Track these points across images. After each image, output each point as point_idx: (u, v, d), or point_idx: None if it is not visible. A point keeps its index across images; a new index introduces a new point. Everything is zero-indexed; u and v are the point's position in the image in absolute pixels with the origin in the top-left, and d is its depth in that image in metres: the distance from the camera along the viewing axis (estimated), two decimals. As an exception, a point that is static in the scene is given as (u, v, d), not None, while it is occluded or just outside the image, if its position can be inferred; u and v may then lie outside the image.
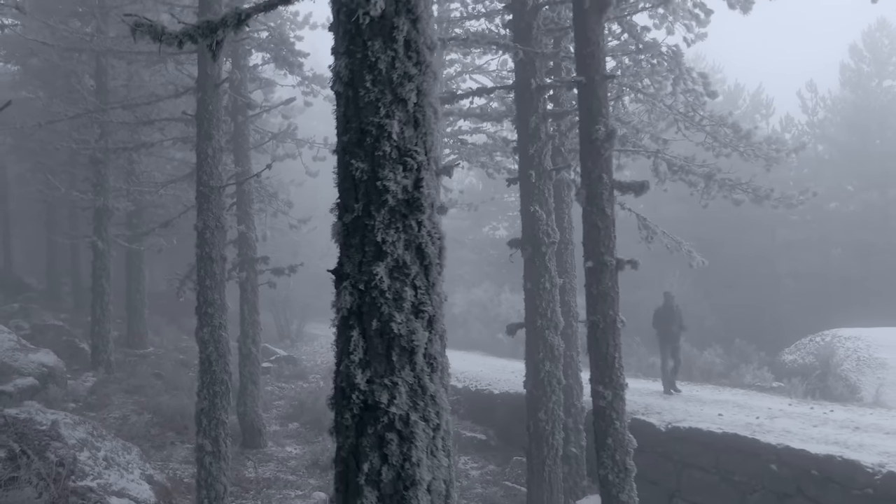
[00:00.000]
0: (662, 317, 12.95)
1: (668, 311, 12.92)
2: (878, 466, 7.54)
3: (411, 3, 2.69)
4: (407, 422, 2.67)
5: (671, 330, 12.73)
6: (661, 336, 12.97)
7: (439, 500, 2.74)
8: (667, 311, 12.93)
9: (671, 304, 13.00)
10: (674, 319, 12.85)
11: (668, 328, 12.76)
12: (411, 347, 2.67)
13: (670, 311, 12.92)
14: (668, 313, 12.91)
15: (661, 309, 13.07)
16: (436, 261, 2.78)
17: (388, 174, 2.61)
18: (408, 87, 2.64)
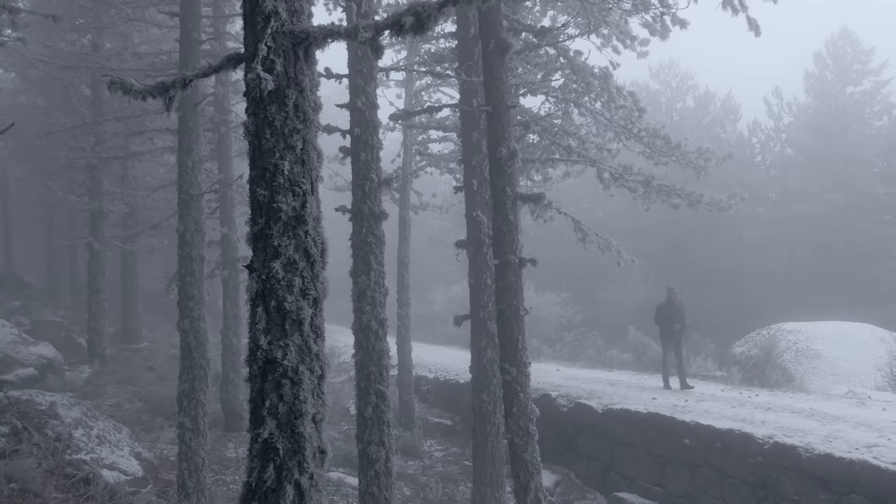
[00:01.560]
0: (665, 312, 12.81)
1: (671, 307, 12.78)
2: (767, 438, 8.68)
3: (299, 78, 3.81)
4: (297, 371, 3.79)
5: (673, 326, 12.63)
6: (663, 332, 12.90)
7: (319, 427, 3.87)
8: (669, 307, 12.79)
9: (674, 299, 12.86)
10: (676, 315, 12.71)
11: (669, 324, 12.66)
12: (299, 319, 3.79)
13: (673, 306, 12.79)
14: (670, 309, 12.77)
15: (663, 304, 12.94)
16: (318, 258, 3.90)
17: (282, 198, 3.73)
18: (296, 137, 3.76)
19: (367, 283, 7.71)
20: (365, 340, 7.71)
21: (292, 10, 3.77)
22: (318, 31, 3.76)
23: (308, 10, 3.86)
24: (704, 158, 12.00)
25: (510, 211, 6.84)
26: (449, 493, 11.10)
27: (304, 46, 3.79)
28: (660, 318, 12.86)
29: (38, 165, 21.00)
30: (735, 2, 7.87)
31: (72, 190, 18.58)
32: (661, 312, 12.87)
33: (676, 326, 12.59)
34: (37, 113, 20.20)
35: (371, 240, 7.72)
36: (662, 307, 12.89)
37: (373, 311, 7.68)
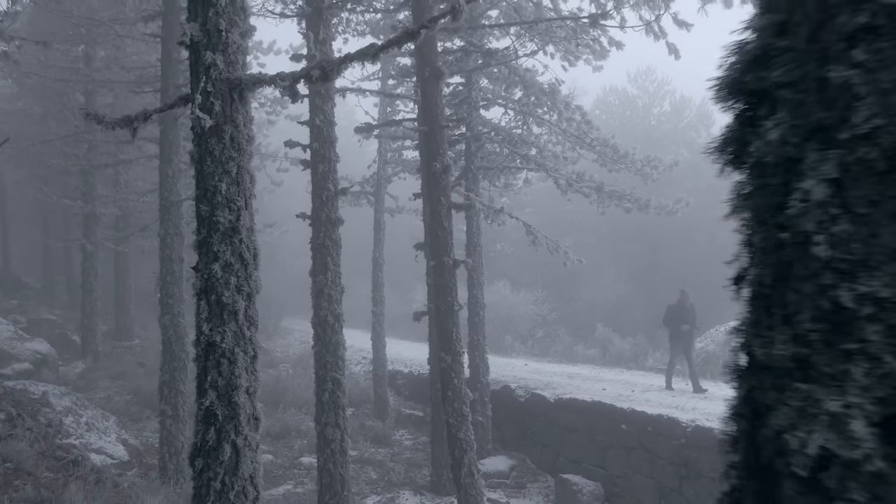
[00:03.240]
0: (674, 314, 12.63)
1: (681, 309, 12.58)
2: (690, 422, 9.61)
3: (234, 116, 4.70)
4: (233, 353, 4.69)
5: (681, 328, 12.47)
6: (672, 334, 12.74)
7: (253, 398, 4.78)
8: (679, 309, 12.60)
9: (685, 302, 12.64)
10: (685, 317, 12.53)
11: (678, 326, 12.51)
12: (235, 311, 4.69)
13: (683, 308, 12.58)
14: (680, 311, 12.58)
15: (674, 306, 12.73)
16: (251, 261, 4.79)
17: (220, 213, 4.63)
18: (231, 164, 4.66)
19: (325, 281, 8.62)
20: (322, 333, 8.62)
21: (229, 61, 4.68)
22: (249, 79, 4.67)
23: (242, 62, 4.78)
24: (652, 166, 12.91)
25: (444, 218, 7.75)
26: (411, 476, 12.02)
27: (238, 90, 4.70)
28: (669, 320, 12.71)
29: (34, 170, 21.88)
30: (656, 29, 8.78)
31: (66, 194, 19.45)
32: (670, 314, 12.71)
33: (684, 328, 12.42)
34: (33, 120, 21.13)
35: (328, 243, 8.63)
36: (672, 309, 12.71)
37: (329, 307, 8.59)
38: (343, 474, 8.55)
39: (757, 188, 1.08)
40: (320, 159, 8.63)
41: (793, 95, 1.02)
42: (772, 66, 1.04)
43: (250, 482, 4.82)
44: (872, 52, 0.94)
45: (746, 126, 1.09)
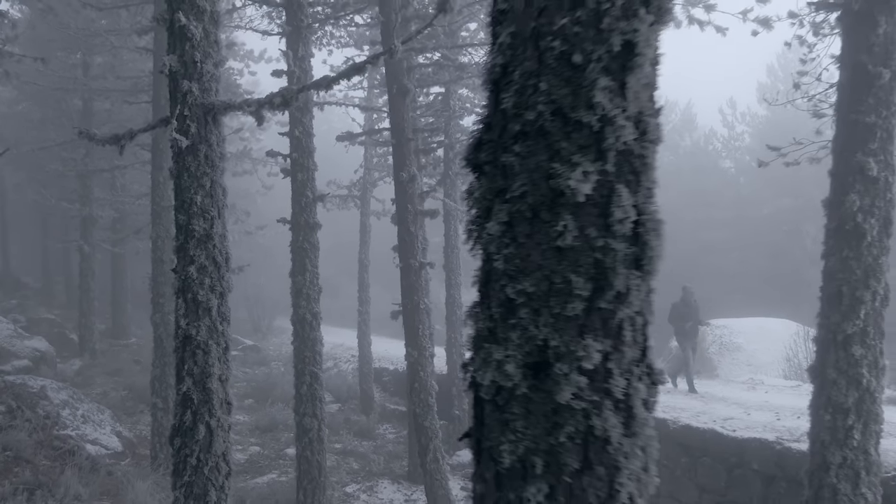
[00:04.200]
0: (678, 311, 12.49)
1: (685, 306, 12.44)
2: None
3: (208, 137, 5.33)
4: (207, 345, 5.33)
5: (685, 325, 12.37)
6: (677, 331, 12.65)
7: (225, 385, 5.43)
8: (683, 306, 12.45)
9: (689, 298, 12.52)
10: (689, 314, 12.39)
11: (682, 323, 12.40)
12: (209, 307, 5.33)
13: (687, 306, 12.44)
14: (685, 308, 12.43)
15: (678, 304, 12.56)
16: (223, 264, 5.43)
17: (195, 222, 5.27)
18: (206, 179, 5.30)
19: (304, 282, 9.27)
20: (301, 330, 9.27)
21: (203, 88, 5.33)
22: (221, 104, 5.32)
23: (216, 88, 5.42)
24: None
25: (411, 223, 8.40)
26: (391, 467, 12.66)
27: (212, 114, 5.35)
28: (673, 317, 12.57)
29: (33, 174, 22.48)
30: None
31: (64, 197, 20.08)
32: (674, 311, 12.56)
33: (688, 324, 12.31)
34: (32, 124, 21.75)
35: (307, 246, 9.28)
36: (677, 306, 12.56)
37: (308, 306, 9.24)
38: (320, 461, 9.19)
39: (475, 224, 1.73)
40: (299, 168, 9.28)
41: (489, 170, 1.67)
42: (482, 150, 1.70)
43: (223, 458, 5.47)
44: (524, 147, 1.60)
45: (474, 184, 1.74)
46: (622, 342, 1.60)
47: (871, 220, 5.43)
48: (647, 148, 1.61)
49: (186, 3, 5.21)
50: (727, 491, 8.75)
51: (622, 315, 1.59)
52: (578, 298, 1.56)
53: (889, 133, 5.49)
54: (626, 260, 1.59)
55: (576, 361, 1.56)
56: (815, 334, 5.80)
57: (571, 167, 1.54)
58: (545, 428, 1.57)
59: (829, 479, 5.42)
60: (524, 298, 1.60)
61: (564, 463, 1.57)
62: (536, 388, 1.58)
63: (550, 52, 1.56)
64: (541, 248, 1.58)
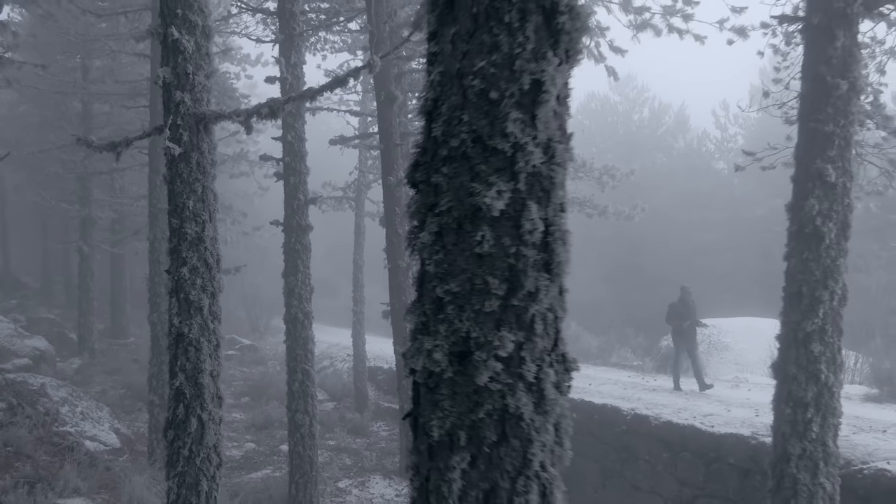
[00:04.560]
0: (676, 311, 12.49)
1: (683, 306, 12.45)
2: (630, 411, 10.54)
3: (200, 145, 5.62)
4: (198, 342, 5.62)
5: (682, 325, 12.36)
6: (674, 331, 12.68)
7: (216, 380, 5.72)
8: (681, 306, 12.47)
9: (687, 298, 12.51)
10: (687, 314, 12.38)
11: (680, 323, 12.40)
12: (200, 307, 5.62)
13: (685, 306, 12.45)
14: (681, 308, 12.45)
15: (675, 304, 12.56)
16: (214, 265, 5.71)
17: (188, 226, 5.56)
18: (197, 184, 5.58)
19: (296, 282, 9.55)
20: (293, 329, 9.56)
21: (195, 99, 5.61)
22: (212, 114, 5.61)
23: (207, 99, 5.70)
24: (610, 175, 13.83)
25: (399, 225, 8.69)
26: (383, 463, 12.95)
27: (203, 123, 5.64)
28: (671, 317, 12.59)
29: (33, 175, 22.77)
30: (596, 53, 9.72)
31: (64, 198, 20.36)
32: (672, 311, 12.58)
33: (685, 324, 12.33)
34: (32, 126, 22.03)
35: (298, 247, 9.56)
36: (674, 306, 12.59)
37: (300, 305, 9.52)
38: (312, 456, 9.48)
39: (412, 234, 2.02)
40: (291, 172, 9.57)
41: (423, 187, 1.96)
42: (417, 171, 1.99)
43: (214, 450, 5.75)
44: (450, 169, 1.89)
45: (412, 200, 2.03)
46: (534, 334, 1.89)
47: (830, 224, 5.71)
48: (555, 170, 1.90)
49: (179, 18, 5.49)
50: (705, 484, 9.03)
51: (533, 311, 1.88)
52: (495, 297, 1.85)
53: (847, 141, 5.78)
54: (536, 265, 1.88)
55: (493, 350, 1.85)
56: (778, 332, 6.09)
57: (488, 186, 1.83)
58: (468, 406, 1.87)
59: (790, 469, 5.71)
60: (451, 297, 1.89)
61: (484, 436, 1.86)
62: (460, 372, 1.87)
63: (472, 88, 1.85)
64: (464, 254, 1.87)
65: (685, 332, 12.42)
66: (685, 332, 12.42)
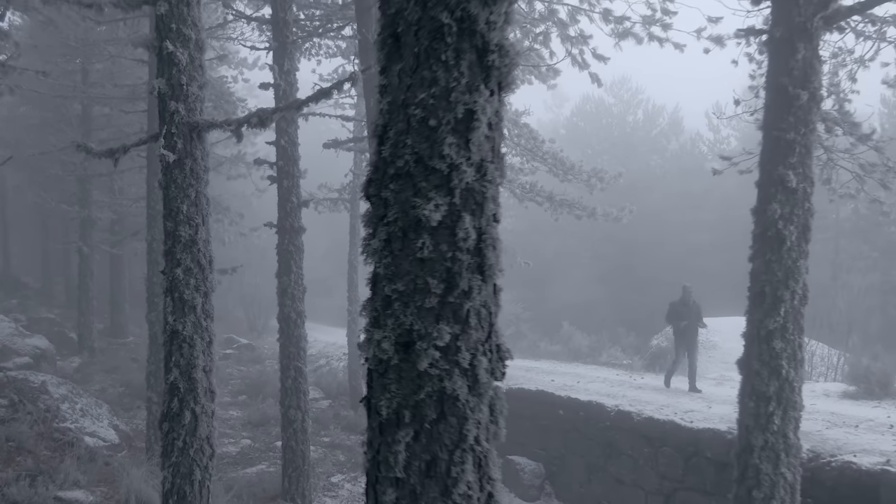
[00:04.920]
0: (676, 310, 12.50)
1: (683, 306, 12.42)
2: (614, 407, 10.85)
3: (193, 152, 5.93)
4: (192, 339, 5.93)
5: (680, 324, 12.37)
6: (674, 330, 12.71)
7: (209, 376, 6.03)
8: (681, 305, 12.44)
9: (688, 298, 12.47)
10: (686, 314, 12.35)
11: (679, 322, 12.40)
12: (193, 305, 5.93)
13: (685, 305, 12.42)
14: (683, 308, 12.41)
15: (676, 303, 12.56)
16: (207, 266, 6.02)
17: (182, 228, 5.87)
18: (191, 189, 5.89)
19: (288, 282, 9.86)
20: (286, 328, 9.86)
21: (189, 108, 5.93)
22: (204, 123, 5.92)
23: (200, 108, 6.01)
24: (598, 178, 14.14)
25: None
26: (376, 459, 13.23)
27: (196, 131, 5.95)
28: (671, 317, 12.63)
29: (33, 176, 23.07)
30: (580, 60, 10.03)
31: (64, 199, 20.66)
32: (672, 310, 12.59)
33: (683, 324, 12.33)
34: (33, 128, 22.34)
35: (291, 249, 9.87)
36: (675, 305, 12.57)
37: (292, 305, 9.83)
38: (304, 451, 9.79)
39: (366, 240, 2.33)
40: (285, 175, 9.88)
41: (375, 201, 2.28)
42: (371, 186, 2.30)
43: (207, 442, 6.07)
44: (397, 185, 2.20)
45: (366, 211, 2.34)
46: (469, 327, 2.20)
47: (791, 227, 6.02)
48: (487, 186, 2.21)
49: (174, 32, 5.80)
50: (684, 477, 9.35)
51: (468, 307, 2.20)
52: (434, 295, 2.17)
53: (807, 148, 6.09)
54: (470, 267, 2.19)
55: (432, 340, 2.16)
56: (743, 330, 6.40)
57: (428, 200, 2.15)
58: (411, 389, 2.18)
59: (753, 460, 6.02)
60: (397, 295, 2.20)
61: (425, 414, 2.17)
62: (405, 360, 2.19)
63: (414, 116, 2.17)
64: (408, 258, 2.19)
65: (684, 332, 12.43)
66: (684, 332, 12.43)
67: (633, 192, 27.61)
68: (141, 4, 5.94)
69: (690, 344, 12.54)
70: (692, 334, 12.50)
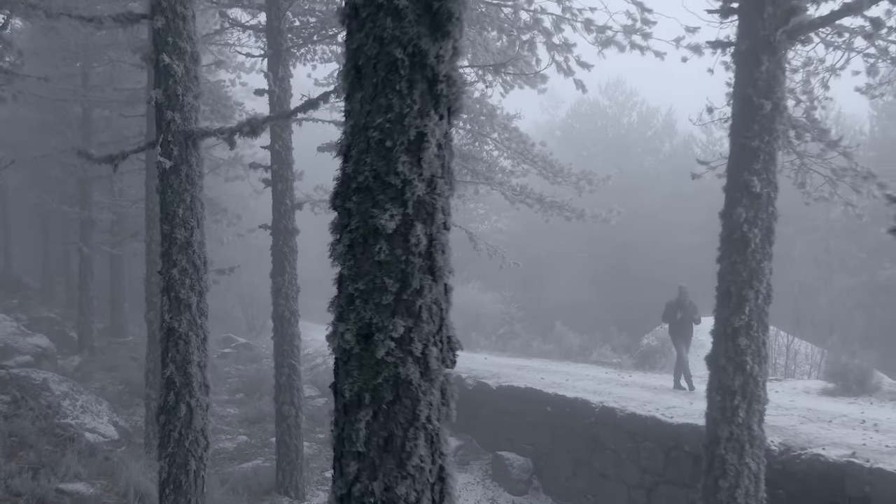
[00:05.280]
0: (673, 310, 12.63)
1: (678, 306, 12.55)
2: (599, 404, 11.17)
3: (189, 159, 6.26)
4: (187, 336, 6.26)
5: (677, 317, 12.48)
6: (671, 330, 12.86)
7: (203, 370, 6.36)
8: (677, 305, 12.58)
9: (684, 299, 12.56)
10: (684, 314, 12.49)
11: (675, 317, 12.53)
12: (189, 304, 6.26)
13: (681, 305, 12.53)
14: (677, 307, 12.57)
15: (672, 302, 12.70)
16: (202, 267, 6.35)
17: (178, 231, 6.20)
18: (186, 194, 6.22)
19: (283, 282, 10.19)
20: (280, 326, 10.19)
21: (184, 117, 6.26)
22: (199, 131, 6.25)
23: (195, 117, 6.35)
24: (587, 180, 14.44)
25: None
26: (369, 454, 13.55)
27: (191, 139, 6.28)
28: (667, 316, 12.78)
29: (34, 177, 23.39)
30: (565, 67, 10.36)
31: (64, 200, 21.00)
32: (668, 310, 12.73)
33: (678, 315, 12.48)
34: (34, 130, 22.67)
35: (286, 250, 10.20)
36: (671, 305, 12.72)
37: (286, 304, 10.16)
38: (297, 445, 10.12)
39: (333, 245, 2.66)
40: (279, 179, 10.21)
41: (340, 210, 2.61)
42: (337, 198, 2.63)
43: (201, 433, 6.41)
44: (358, 198, 2.54)
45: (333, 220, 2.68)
46: (421, 320, 2.54)
47: (755, 230, 6.35)
48: (437, 198, 2.54)
49: (170, 45, 6.13)
50: (665, 471, 9.67)
51: (420, 303, 2.53)
52: (390, 293, 2.50)
53: (771, 156, 6.42)
54: (422, 269, 2.52)
55: (388, 332, 2.49)
56: (712, 328, 6.73)
57: (384, 211, 2.48)
58: (370, 374, 2.51)
59: (720, 451, 6.35)
60: (359, 293, 2.53)
61: (382, 396, 2.51)
62: (365, 349, 2.52)
63: (373, 138, 2.50)
64: (368, 261, 2.52)
65: (678, 331, 12.68)
66: (678, 331, 12.68)
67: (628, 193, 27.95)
68: (139, 19, 6.27)
69: (685, 342, 12.82)
70: (687, 334, 12.77)
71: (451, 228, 9.28)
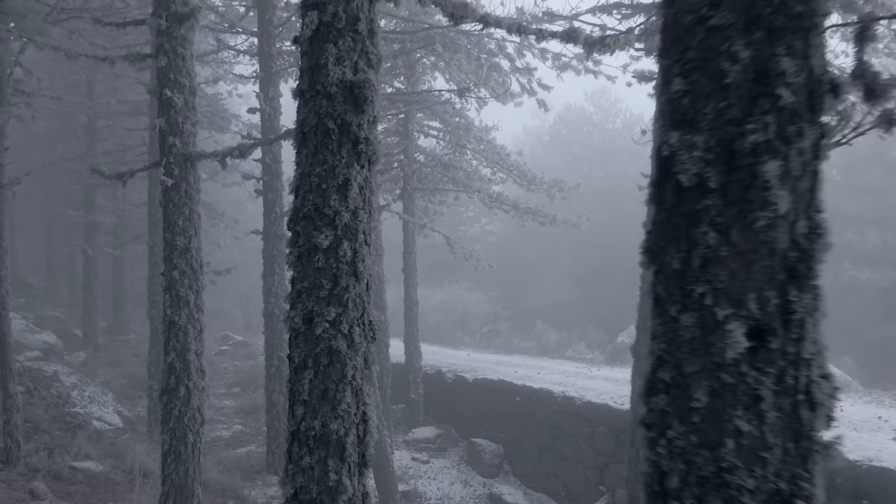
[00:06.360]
0: None
1: None
2: (561, 393, 12.27)
3: (188, 177, 7.36)
4: (186, 328, 7.36)
5: None
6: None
7: (200, 357, 7.46)
8: None
9: None
10: None
11: None
12: (187, 301, 7.36)
13: None
14: None
15: None
16: (199, 269, 7.44)
17: (177, 238, 7.30)
18: (185, 207, 7.31)
19: (273, 283, 11.28)
20: (270, 322, 11.29)
21: (184, 142, 7.36)
22: (197, 154, 7.35)
23: (193, 142, 7.44)
24: (558, 188, 15.55)
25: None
26: (354, 442, 14.65)
27: (190, 161, 7.38)
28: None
29: (41, 182, 24.42)
30: (528, 88, 11.46)
31: (70, 204, 22.07)
32: None
33: None
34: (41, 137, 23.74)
35: (275, 253, 11.29)
36: None
37: (276, 302, 11.25)
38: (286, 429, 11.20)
39: (287, 256, 3.77)
40: (269, 189, 11.30)
41: (292, 232, 3.72)
42: (290, 223, 3.74)
43: (198, 411, 7.50)
44: (303, 224, 3.65)
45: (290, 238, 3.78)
46: (348, 308, 3.64)
47: (671, 238, 7.44)
48: (358, 224, 3.65)
49: (171, 81, 7.23)
50: (615, 452, 10.76)
51: (346, 297, 3.63)
52: (325, 289, 3.60)
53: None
54: (348, 273, 3.63)
55: (325, 317, 3.59)
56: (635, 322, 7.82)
57: (321, 233, 3.58)
58: (312, 346, 3.61)
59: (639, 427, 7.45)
60: (304, 289, 3.64)
61: (320, 361, 3.61)
62: (308, 329, 3.62)
63: (314, 182, 3.60)
64: (311, 267, 3.62)
65: None
66: None
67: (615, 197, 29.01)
68: (145, 58, 7.36)
69: None
70: None
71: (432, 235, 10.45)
